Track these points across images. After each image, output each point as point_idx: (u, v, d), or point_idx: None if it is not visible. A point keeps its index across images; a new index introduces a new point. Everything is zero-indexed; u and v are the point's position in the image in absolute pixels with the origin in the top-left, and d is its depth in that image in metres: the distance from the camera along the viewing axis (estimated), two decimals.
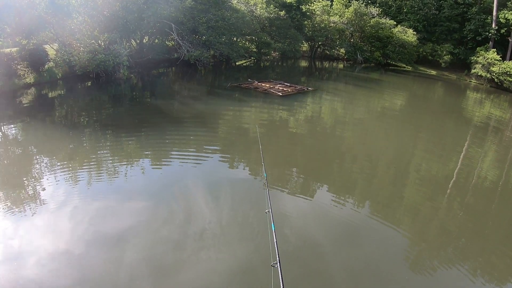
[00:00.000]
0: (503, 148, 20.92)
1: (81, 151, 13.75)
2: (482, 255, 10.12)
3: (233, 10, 35.37)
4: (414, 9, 52.25)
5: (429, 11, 51.29)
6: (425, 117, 26.52)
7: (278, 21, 42.24)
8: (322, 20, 46.44)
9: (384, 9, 53.69)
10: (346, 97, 29.52)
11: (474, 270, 9.30)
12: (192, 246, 8.79)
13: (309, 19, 46.14)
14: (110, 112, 19.08)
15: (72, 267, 7.85)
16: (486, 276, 9.13)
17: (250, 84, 26.78)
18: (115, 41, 25.47)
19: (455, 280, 8.87)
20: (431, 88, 40.59)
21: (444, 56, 48.56)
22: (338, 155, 16.40)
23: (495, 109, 33.37)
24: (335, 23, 47.27)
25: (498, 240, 11.13)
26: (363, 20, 48.69)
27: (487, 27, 47.55)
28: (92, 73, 23.81)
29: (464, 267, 9.31)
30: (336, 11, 49.04)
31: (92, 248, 8.43)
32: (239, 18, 34.44)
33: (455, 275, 9.00)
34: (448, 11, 50.49)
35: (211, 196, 11.36)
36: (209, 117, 19.22)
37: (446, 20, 50.98)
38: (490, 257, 10.14)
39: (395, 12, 54.14)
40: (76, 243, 8.54)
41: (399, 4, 54.66)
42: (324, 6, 47.71)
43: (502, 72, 42.30)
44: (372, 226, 10.85)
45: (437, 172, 15.68)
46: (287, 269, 8.00)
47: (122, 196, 10.84)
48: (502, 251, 10.50)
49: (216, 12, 32.57)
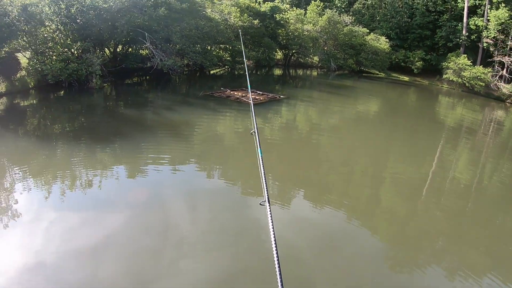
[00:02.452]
0: (475, 149, 21.26)
1: (55, 162, 13.44)
2: (459, 255, 10.23)
3: (207, 19, 35.28)
4: (386, 17, 53.05)
5: (402, 19, 52.15)
6: (399, 122, 26.80)
7: (252, 29, 42.31)
8: (296, 28, 46.65)
9: (357, 18, 54.31)
10: (320, 104, 29.60)
11: (452, 270, 9.38)
12: (171, 255, 8.61)
13: (283, 28, 46.32)
14: (84, 122, 18.74)
15: (48, 281, 7.60)
16: (464, 275, 9.20)
17: (223, 92, 26.65)
18: (88, 50, 25.12)
19: (434, 280, 8.92)
20: (404, 94, 41.13)
21: (416, 63, 49.29)
22: (314, 162, 16.37)
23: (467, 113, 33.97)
24: (309, 31, 47.51)
25: (475, 239, 11.28)
26: (336, 28, 49.05)
27: (458, 34, 48.55)
28: (65, 82, 23.38)
29: (442, 267, 9.40)
30: (309, 20, 49.32)
31: (68, 261, 8.17)
32: (213, 27, 34.38)
33: (434, 275, 9.06)
34: (420, 19, 51.43)
35: (188, 204, 11.21)
36: (183, 126, 19.04)
37: (418, 27, 51.91)
38: (467, 256, 10.24)
39: (368, 20, 54.86)
40: (51, 256, 8.27)
41: (372, 13, 55.45)
42: (298, 15, 47.94)
43: (473, 76, 43.17)
44: (350, 230, 10.86)
45: (413, 175, 15.80)
46: (268, 274, 7.96)
47: (98, 207, 10.57)
48: (479, 250, 10.63)
49: (190, 21, 32.43)
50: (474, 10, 48.81)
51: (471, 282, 8.93)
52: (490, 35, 45.30)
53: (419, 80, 49.66)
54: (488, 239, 11.39)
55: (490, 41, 45.80)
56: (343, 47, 50.06)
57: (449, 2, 50.90)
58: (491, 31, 44.90)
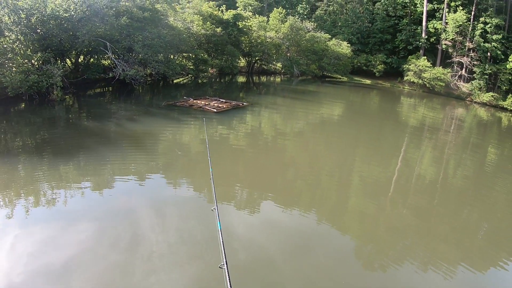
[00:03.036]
0: (439, 147, 21.72)
1: (17, 178, 12.91)
2: (430, 248, 10.40)
3: (169, 27, 35.04)
4: (348, 23, 54.07)
5: (363, 24, 53.29)
6: (363, 124, 27.16)
7: (214, 37, 42.28)
8: (258, 35, 46.93)
9: (319, 24, 55.10)
10: (284, 110, 29.71)
11: (423, 264, 9.53)
12: (141, 269, 8.37)
13: (246, 35, 46.49)
14: (45, 135, 18.19)
15: None
16: (435, 267, 9.37)
17: (185, 101, 26.42)
18: (49, 61, 24.52)
19: (406, 275, 9.05)
20: (367, 96, 41.80)
21: (378, 66, 50.35)
22: (281, 167, 16.34)
23: (428, 112, 34.74)
24: (271, 38, 47.85)
25: (443, 232, 11.52)
26: (299, 34, 49.56)
27: (417, 37, 49.94)
28: (25, 95, 22.70)
29: (414, 261, 9.55)
30: (272, 27, 49.70)
31: (36, 280, 7.84)
32: (175, 36, 34.16)
33: (406, 270, 9.20)
34: (381, 24, 52.65)
35: (157, 215, 10.97)
36: (146, 137, 18.70)
37: (379, 32, 53.15)
38: (437, 249, 10.44)
39: (330, 26, 55.74)
40: (17, 276, 7.91)
41: (334, 19, 56.41)
42: (260, 22, 48.25)
43: (433, 77, 44.48)
44: (321, 232, 10.89)
45: (379, 175, 15.99)
46: (236, 276, 7.84)
47: (64, 224, 10.14)
48: (448, 243, 10.87)
49: (152, 29, 32.09)
50: (432, 14, 50.28)
51: (443, 273, 9.10)
52: (448, 37, 46.69)
53: (381, 82, 50.67)
54: (455, 232, 11.65)
55: (448, 43, 47.21)
56: (306, 53, 50.62)
57: (408, 7, 52.30)
58: (449, 33, 46.29)
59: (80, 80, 28.70)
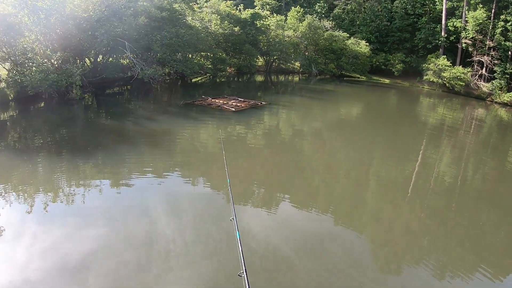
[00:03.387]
0: (458, 148, 21.42)
1: (36, 176, 13.14)
2: (445, 253, 10.22)
3: (187, 27, 35.19)
4: (366, 21, 53.56)
5: (381, 23, 52.73)
6: (381, 124, 26.93)
7: (232, 37, 42.33)
8: (276, 34, 46.84)
9: (337, 22, 54.75)
10: (302, 110, 29.62)
11: (440, 268, 9.38)
12: (157, 267, 8.43)
13: (264, 34, 46.44)
14: (64, 134, 18.44)
15: None
16: (451, 272, 9.24)
17: (204, 100, 26.52)
18: (68, 60, 24.83)
19: (422, 279, 8.90)
20: (385, 96, 41.42)
21: (397, 65, 49.75)
22: (298, 167, 16.30)
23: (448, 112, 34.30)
24: (289, 37, 47.74)
25: (459, 237, 11.33)
26: (317, 33, 49.36)
27: (437, 35, 49.15)
28: (45, 94, 23.07)
29: (429, 265, 9.38)
30: (290, 26, 49.58)
31: (52, 276, 7.94)
32: (193, 35, 34.29)
33: (422, 274, 9.04)
34: (399, 22, 52.04)
35: (174, 213, 11.04)
36: (164, 136, 18.88)
37: (398, 30, 52.53)
38: (454, 253, 10.27)
39: (348, 24, 55.31)
40: (36, 271, 8.04)
41: (352, 17, 55.95)
42: (278, 21, 48.15)
43: (453, 77, 43.75)
44: (337, 232, 10.86)
45: (397, 176, 15.85)
46: (254, 279, 7.90)
47: (82, 221, 10.27)
48: (465, 247, 10.66)
49: (170, 29, 32.31)
50: (452, 12, 49.50)
51: (460, 279, 8.94)
52: (468, 36, 45.89)
53: (400, 82, 50.13)
54: (473, 235, 11.44)
55: (468, 42, 46.39)
56: (324, 52, 50.41)
57: (427, 5, 51.55)
58: (469, 31, 45.50)
59: (99, 79, 28.99)
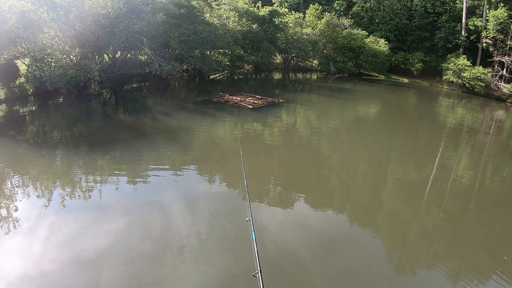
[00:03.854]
0: (477, 150, 21.12)
1: (54, 169, 13.28)
2: (462, 257, 10.11)
3: (205, 24, 35.23)
4: (385, 20, 53.09)
5: (400, 21, 52.20)
6: (400, 124, 26.69)
7: (250, 34, 42.28)
8: (295, 32, 46.66)
9: (356, 20, 54.44)
10: (320, 108, 29.50)
11: (455, 272, 9.27)
12: (172, 261, 8.51)
13: (282, 32, 46.30)
14: (82, 128, 18.61)
15: (48, 287, 7.51)
16: (467, 276, 9.10)
17: (221, 97, 26.56)
18: (87, 56, 25.04)
19: (437, 282, 8.79)
20: (404, 96, 41.03)
21: (416, 64, 49.22)
22: (315, 165, 16.25)
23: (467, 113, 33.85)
24: (308, 35, 47.57)
25: (476, 242, 11.12)
26: (335, 31, 49.12)
27: (457, 35, 48.48)
28: (63, 89, 23.30)
29: (445, 269, 9.26)
30: (308, 23, 49.38)
31: (68, 268, 8.06)
32: (211, 32, 34.32)
33: (437, 277, 8.94)
34: (419, 21, 51.44)
35: (189, 209, 11.08)
36: (182, 132, 18.95)
37: (417, 29, 51.92)
38: (470, 258, 10.12)
39: (367, 23, 54.92)
40: (51, 262, 8.17)
41: (371, 15, 55.50)
42: (296, 19, 47.97)
43: (473, 77, 43.11)
44: (352, 233, 10.78)
45: (414, 177, 15.66)
46: (268, 279, 7.81)
47: (98, 214, 10.43)
48: (481, 252, 10.49)
49: (188, 26, 32.39)
50: (472, 11, 48.80)
51: (475, 284, 8.78)
52: (489, 35, 45.17)
53: (419, 81, 49.63)
54: (490, 241, 11.24)
55: (489, 41, 45.67)
56: (342, 50, 50.14)
57: (447, 3, 50.87)
58: (490, 31, 44.79)
59: (117, 75, 29.20)
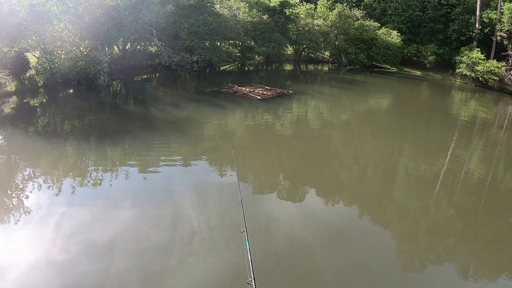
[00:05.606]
0: (489, 146, 20.79)
1: (65, 160, 13.37)
2: (472, 253, 9.96)
3: (215, 15, 35.06)
4: (398, 11, 52.40)
5: (413, 13, 51.45)
6: (411, 117, 26.40)
7: (261, 25, 42.01)
8: (306, 23, 46.34)
9: (368, 12, 53.81)
10: (331, 100, 29.28)
11: (464, 268, 9.17)
12: (180, 251, 8.60)
13: (293, 23, 46.00)
14: (93, 120, 18.65)
15: (59, 276, 7.58)
16: (477, 273, 8.99)
17: (230, 88, 26.46)
18: (97, 48, 25.00)
19: (446, 278, 8.71)
20: (417, 89, 40.58)
21: (429, 57, 48.56)
22: (324, 158, 16.15)
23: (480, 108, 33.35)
24: (319, 26, 47.20)
25: (487, 237, 10.98)
26: (347, 22, 48.69)
27: (470, 27, 47.64)
28: (73, 81, 23.31)
29: (454, 265, 9.19)
30: (320, 14, 48.98)
31: (79, 256, 8.17)
32: (221, 23, 34.14)
33: (446, 273, 8.87)
34: (432, 12, 50.65)
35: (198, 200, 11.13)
36: (190, 123, 18.95)
37: (430, 21, 51.13)
38: (480, 254, 9.96)
39: (379, 14, 54.27)
40: (62, 252, 8.27)
41: (383, 7, 54.82)
42: (308, 10, 47.61)
43: (487, 71, 42.39)
44: (362, 226, 10.72)
45: (425, 172, 15.46)
46: (275, 269, 8.10)
47: (108, 204, 10.57)
48: (491, 249, 10.32)
49: (198, 17, 32.26)
50: (487, 3, 47.91)
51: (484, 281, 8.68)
52: (503, 28, 44.36)
53: (432, 74, 49.01)
54: (500, 237, 11.05)
55: (504, 35, 44.86)
56: (354, 42, 49.67)
57: None
58: (505, 24, 43.99)
59: (127, 67, 29.20)
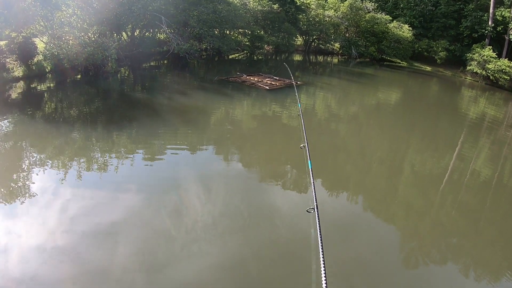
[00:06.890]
0: (496, 145, 20.65)
1: (71, 145, 13.32)
2: (475, 251, 9.92)
3: (225, 3, 34.85)
4: (410, 5, 51.86)
5: (426, 7, 50.88)
6: (420, 113, 26.23)
7: (271, 14, 41.76)
8: (317, 14, 46.01)
9: (380, 4, 53.34)
10: (339, 92, 29.13)
11: (467, 266, 9.13)
12: (185, 238, 8.61)
13: (304, 13, 45.69)
14: (100, 106, 18.65)
15: (63, 260, 7.56)
16: (479, 271, 8.96)
17: (238, 77, 26.36)
18: (105, 34, 24.90)
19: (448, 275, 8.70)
20: (426, 84, 40.29)
21: (440, 53, 48.12)
22: (331, 150, 16.08)
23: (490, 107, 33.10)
24: (330, 17, 46.84)
25: (491, 236, 10.92)
26: (358, 14, 48.30)
27: (483, 24, 47.08)
28: (81, 66, 23.18)
29: (457, 262, 9.17)
30: (331, 5, 48.61)
31: (83, 241, 8.17)
32: (231, 11, 33.96)
33: (448, 270, 8.86)
34: (445, 8, 50.06)
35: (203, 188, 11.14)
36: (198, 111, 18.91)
37: (443, 16, 50.57)
38: (483, 253, 9.92)
39: (391, 7, 53.78)
40: (66, 236, 8.28)
41: (395, 0, 54.30)
42: (319, 0, 47.28)
43: (498, 69, 41.98)
44: (365, 221, 10.67)
45: (431, 168, 15.38)
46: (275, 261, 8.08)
47: (114, 189, 10.57)
48: (495, 247, 10.30)
49: (208, 5, 32.10)
50: (500, 1, 47.26)
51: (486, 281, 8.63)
52: None
53: (442, 70, 48.62)
54: (504, 237, 10.98)
55: None
56: (365, 34, 49.28)
57: None
58: None
59: (135, 53, 29.11)
